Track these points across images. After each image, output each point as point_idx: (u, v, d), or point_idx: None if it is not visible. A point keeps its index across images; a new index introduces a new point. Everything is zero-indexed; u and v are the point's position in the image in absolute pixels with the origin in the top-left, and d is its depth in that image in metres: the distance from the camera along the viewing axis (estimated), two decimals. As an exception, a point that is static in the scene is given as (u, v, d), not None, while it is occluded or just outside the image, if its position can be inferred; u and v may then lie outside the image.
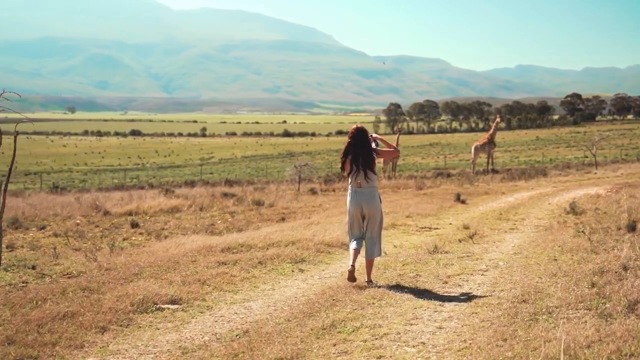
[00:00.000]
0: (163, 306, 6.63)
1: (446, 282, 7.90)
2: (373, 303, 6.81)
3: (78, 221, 18.74)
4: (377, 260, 8.85)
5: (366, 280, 7.92)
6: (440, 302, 6.83)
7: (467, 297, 7.03)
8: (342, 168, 8.15)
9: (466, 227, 13.21)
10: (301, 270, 8.91)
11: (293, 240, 10.88)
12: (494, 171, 37.91)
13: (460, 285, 7.73)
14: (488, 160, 40.00)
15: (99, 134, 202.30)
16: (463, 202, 19.77)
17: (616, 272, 7.44)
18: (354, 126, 8.19)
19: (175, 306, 6.68)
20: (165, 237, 14.03)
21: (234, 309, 6.72)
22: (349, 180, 8.14)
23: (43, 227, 16.64)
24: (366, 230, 8.05)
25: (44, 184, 59.15)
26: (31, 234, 15.52)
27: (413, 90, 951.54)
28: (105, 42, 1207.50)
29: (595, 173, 34.76)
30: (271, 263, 9.23)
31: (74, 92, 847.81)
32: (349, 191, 8.16)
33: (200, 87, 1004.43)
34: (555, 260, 8.93)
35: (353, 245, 8.02)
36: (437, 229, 13.72)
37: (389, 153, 8.63)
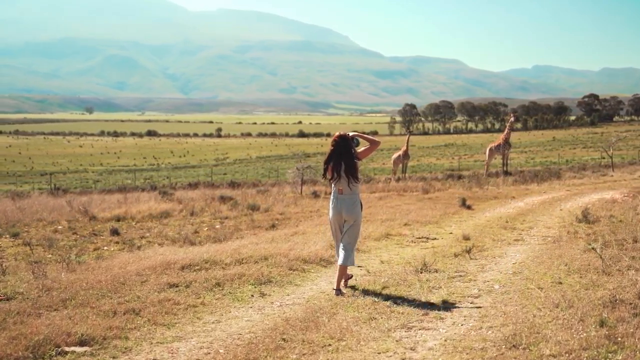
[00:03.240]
0: (67, 349, 5.34)
1: (427, 314, 6.59)
2: (329, 345, 5.55)
3: (60, 227, 17.75)
4: (353, 283, 8.28)
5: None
6: (412, 345, 5.56)
7: (447, 337, 5.76)
8: (324, 175, 8.13)
9: (466, 238, 11.97)
10: (262, 295, 7.63)
11: (266, 255, 9.64)
12: (507, 173, 36.48)
13: (442, 319, 6.42)
14: (504, 162, 38.60)
15: (115, 134, 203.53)
16: (469, 207, 18.48)
17: (631, 304, 6.17)
18: (336, 134, 8.15)
19: (84, 349, 5.39)
20: (138, 247, 12.98)
21: (155, 353, 5.45)
22: (332, 186, 8.09)
23: (16, 234, 15.59)
24: (343, 237, 7.99)
25: (59, 184, 58.70)
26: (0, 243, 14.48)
27: (429, 91, 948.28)
28: (122, 43, 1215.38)
29: (612, 175, 33.28)
30: (230, 285, 7.97)
31: (91, 93, 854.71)
32: (332, 197, 8.13)
33: (217, 87, 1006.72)
34: (560, 283, 7.65)
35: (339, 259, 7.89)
36: (435, 239, 12.45)
37: (368, 151, 8.31)
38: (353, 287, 7.98)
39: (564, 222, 14.18)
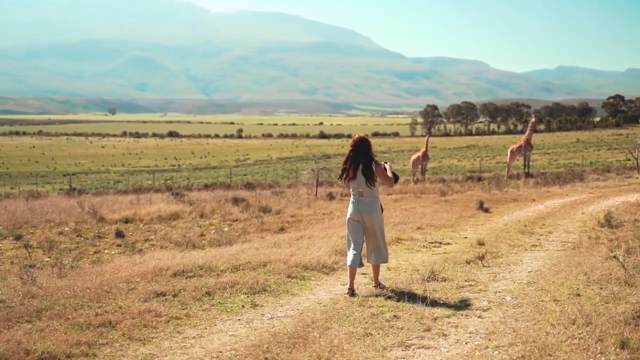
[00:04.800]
0: (23, 370, 4.86)
1: (429, 329, 6.00)
2: (314, 367, 5.01)
3: (67, 229, 17.37)
4: (358, 290, 7.81)
5: (374, 285, 8.02)
6: (407, 369, 5.00)
7: (448, 358, 5.17)
8: (341, 175, 8.14)
9: (481, 243, 11.37)
10: (254, 306, 7.06)
11: (265, 261, 9.08)
12: (528, 175, 35.69)
13: (445, 335, 5.83)
14: (525, 164, 37.79)
15: (137, 135, 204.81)
16: (486, 210, 17.83)
17: (656, 322, 5.55)
18: (356, 136, 8.23)
19: (41, 369, 4.91)
20: (139, 251, 12.52)
21: (121, 373, 4.96)
22: (351, 189, 8.06)
23: (19, 237, 15.20)
24: (369, 241, 8.01)
25: (80, 184, 58.96)
26: (0, 245, 14.11)
27: (451, 92, 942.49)
28: (145, 44, 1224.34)
29: (637, 177, 32.38)
30: (221, 294, 7.42)
31: (115, 94, 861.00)
32: (351, 200, 8.09)
33: (239, 88, 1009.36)
34: (578, 295, 7.01)
35: (350, 258, 7.84)
36: (448, 244, 11.86)
37: (383, 177, 7.99)
38: (352, 295, 7.57)
39: (585, 227, 13.54)
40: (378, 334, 5.89)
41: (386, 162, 8.15)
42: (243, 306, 7.03)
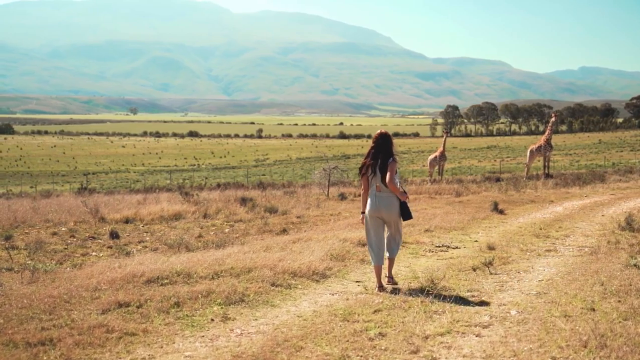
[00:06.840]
0: None
1: (416, 351, 5.14)
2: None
3: (64, 229, 16.76)
4: (341, 305, 6.96)
5: (387, 275, 8.05)
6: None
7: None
8: (360, 169, 8.08)
9: (491, 248, 10.55)
10: (225, 319, 6.22)
11: (250, 267, 8.27)
12: (548, 176, 34.67)
13: (434, 359, 5.00)
14: (545, 164, 36.78)
15: (158, 135, 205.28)
16: (501, 212, 16.95)
17: (683, 346, 4.71)
18: (378, 132, 8.17)
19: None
20: (127, 253, 11.80)
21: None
22: (369, 185, 7.99)
23: (9, 237, 14.56)
24: (387, 234, 8.04)
25: (100, 184, 58.90)
26: (-15, 246, 13.47)
27: (472, 93, 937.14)
28: (167, 45, 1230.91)
29: (662, 179, 31.20)
30: (191, 305, 6.59)
31: (136, 94, 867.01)
32: (369, 196, 7.99)
33: (259, 89, 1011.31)
34: (593, 310, 6.15)
35: (374, 258, 7.93)
36: (456, 248, 11.02)
37: (390, 175, 7.78)
38: (381, 289, 7.59)
39: (604, 230, 12.66)
40: (357, 356, 5.06)
41: (405, 192, 7.98)
42: (212, 320, 6.20)
